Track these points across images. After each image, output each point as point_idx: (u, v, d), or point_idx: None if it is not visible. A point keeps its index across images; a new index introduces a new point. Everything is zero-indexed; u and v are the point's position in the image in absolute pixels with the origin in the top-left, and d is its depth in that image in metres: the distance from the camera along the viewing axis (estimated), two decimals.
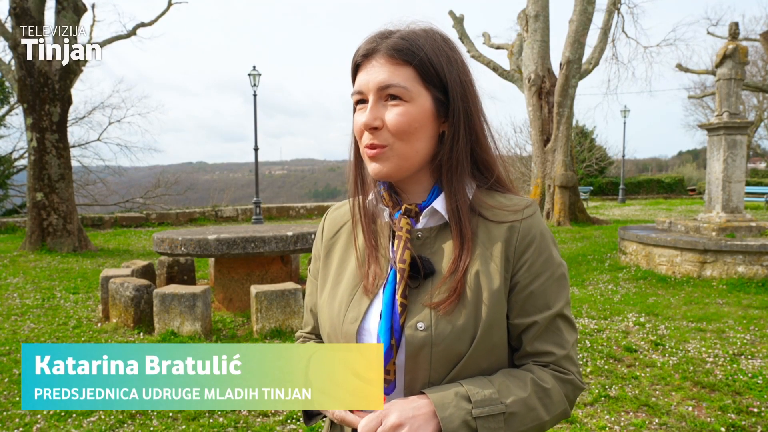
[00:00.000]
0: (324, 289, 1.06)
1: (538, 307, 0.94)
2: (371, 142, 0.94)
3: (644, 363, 4.15)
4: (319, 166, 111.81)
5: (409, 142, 0.93)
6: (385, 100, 0.93)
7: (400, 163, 0.94)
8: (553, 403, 0.92)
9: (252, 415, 3.34)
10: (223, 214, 18.12)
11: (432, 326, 0.90)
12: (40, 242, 10.66)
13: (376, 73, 0.92)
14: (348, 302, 0.98)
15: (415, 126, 0.92)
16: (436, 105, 0.95)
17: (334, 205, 1.17)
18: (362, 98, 0.95)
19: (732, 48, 7.94)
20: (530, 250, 0.95)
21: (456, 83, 0.95)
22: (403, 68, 0.92)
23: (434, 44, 0.94)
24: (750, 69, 25.27)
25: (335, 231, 1.10)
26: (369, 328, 0.95)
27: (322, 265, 1.09)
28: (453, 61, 0.95)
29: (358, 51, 0.96)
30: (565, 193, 14.20)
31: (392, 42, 0.93)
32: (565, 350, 0.95)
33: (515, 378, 0.91)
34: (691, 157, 53.28)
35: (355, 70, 0.98)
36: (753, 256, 6.82)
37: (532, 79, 14.89)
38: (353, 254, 1.04)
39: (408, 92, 0.91)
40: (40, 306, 6.34)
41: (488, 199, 0.99)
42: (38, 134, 10.60)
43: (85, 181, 21.52)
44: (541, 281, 0.95)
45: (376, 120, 0.92)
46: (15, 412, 3.44)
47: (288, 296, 5.00)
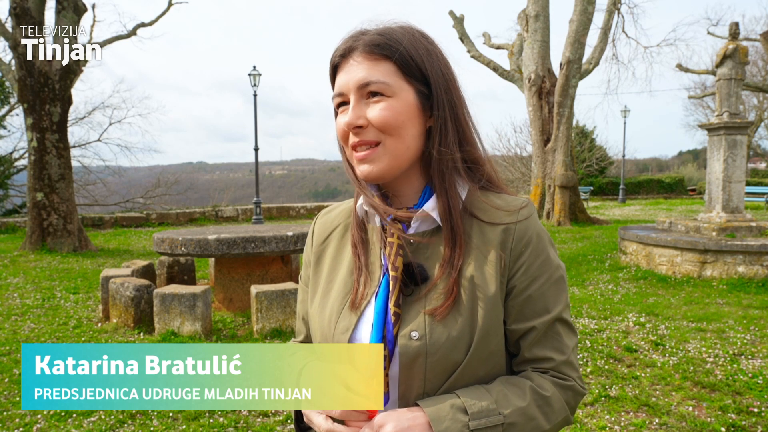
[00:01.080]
0: (315, 297, 1.02)
1: (536, 312, 0.91)
2: (358, 140, 0.90)
3: (644, 363, 4.15)
4: (319, 166, 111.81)
5: (400, 137, 0.90)
6: (367, 98, 0.89)
7: (391, 161, 0.90)
8: (554, 411, 0.89)
9: (252, 415, 3.34)
10: (223, 214, 18.13)
11: (426, 335, 0.87)
12: (41, 242, 10.66)
13: (355, 71, 0.90)
14: (339, 312, 0.95)
15: (402, 120, 0.89)
16: (421, 99, 0.91)
17: (324, 209, 1.14)
18: (343, 100, 0.92)
19: (732, 48, 7.94)
20: (527, 252, 0.91)
21: (438, 75, 0.92)
22: (382, 63, 0.89)
23: (412, 38, 0.91)
24: (750, 69, 25.27)
25: (325, 237, 1.07)
26: (361, 339, 0.91)
27: (313, 272, 1.05)
28: (433, 54, 0.93)
29: (336, 52, 0.93)
30: (566, 193, 14.20)
31: (369, 38, 0.90)
32: (564, 355, 0.92)
33: (514, 386, 0.88)
34: (691, 157, 53.26)
35: (334, 72, 0.95)
36: (753, 256, 6.82)
37: (532, 79, 14.88)
38: (343, 261, 1.01)
39: (389, 87, 0.88)
40: (40, 306, 6.34)
41: (481, 200, 0.95)
42: (38, 134, 10.61)
43: (85, 181, 21.53)
44: (539, 285, 0.92)
45: (360, 119, 0.89)
46: (15, 412, 3.44)
47: (288, 296, 5.00)
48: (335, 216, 1.08)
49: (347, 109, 0.91)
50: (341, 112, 0.93)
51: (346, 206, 1.09)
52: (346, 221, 1.06)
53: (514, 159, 22.66)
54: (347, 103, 0.92)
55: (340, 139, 0.96)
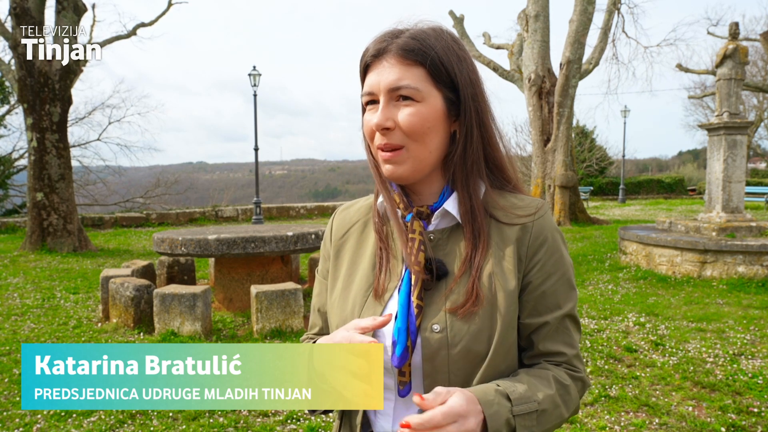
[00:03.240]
0: (335, 289, 1.05)
1: (549, 307, 0.95)
2: (384, 142, 0.93)
3: (644, 363, 4.15)
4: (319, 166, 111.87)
5: (423, 143, 0.93)
6: (396, 100, 0.92)
7: (415, 165, 0.94)
8: (572, 400, 0.93)
9: (252, 415, 3.34)
10: (223, 214, 18.12)
11: (447, 327, 0.90)
12: (41, 242, 10.66)
13: (387, 73, 0.91)
14: (362, 303, 0.98)
15: (428, 126, 0.92)
16: (447, 105, 0.94)
17: (343, 205, 1.17)
18: (373, 99, 0.94)
19: (732, 48, 7.94)
20: (543, 250, 0.95)
21: (467, 82, 0.94)
22: (414, 68, 0.91)
23: (444, 44, 0.93)
24: (750, 69, 25.27)
25: (344, 231, 1.09)
26: (383, 330, 0.94)
27: (332, 266, 1.08)
28: (463, 61, 0.95)
29: (368, 51, 0.95)
30: (566, 193, 14.20)
31: (402, 42, 0.92)
32: (575, 350, 0.97)
33: (538, 377, 0.91)
34: (691, 157, 53.28)
35: (365, 70, 0.97)
36: (753, 256, 6.82)
37: (532, 79, 14.89)
38: (364, 255, 1.04)
39: (419, 92, 0.91)
40: (40, 306, 6.34)
41: (500, 200, 0.99)
42: (38, 134, 10.61)
43: (85, 181, 21.53)
44: (553, 281, 0.95)
45: (388, 120, 0.91)
46: (15, 412, 3.44)
47: (288, 296, 5.00)
48: (354, 212, 1.11)
49: (376, 108, 0.93)
50: (370, 110, 0.96)
51: (365, 203, 1.12)
52: (365, 217, 1.09)
53: (515, 159, 22.64)
54: (376, 102, 0.94)
55: (367, 136, 0.98)
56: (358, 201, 1.14)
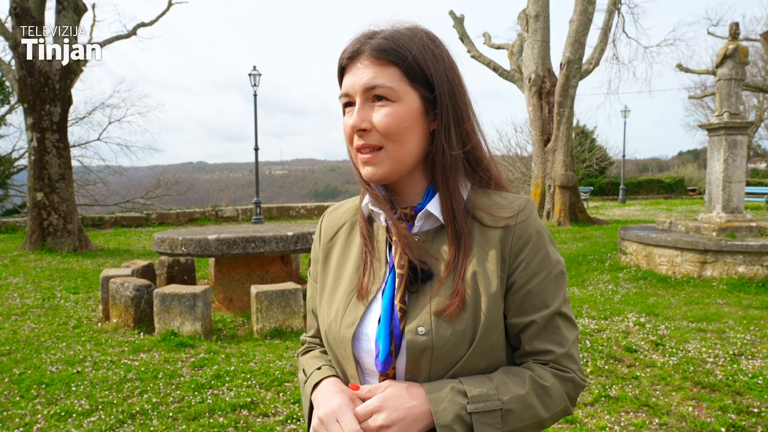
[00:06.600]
0: (323, 293, 1.05)
1: (535, 306, 0.94)
2: (362, 143, 0.93)
3: (644, 363, 4.15)
4: (319, 166, 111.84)
5: (401, 143, 0.92)
6: (372, 101, 0.92)
7: (394, 166, 0.93)
8: (553, 401, 0.91)
9: (252, 415, 3.34)
10: (223, 214, 18.12)
11: (432, 330, 0.89)
12: (41, 242, 10.66)
13: (362, 74, 0.91)
14: (345, 306, 0.98)
15: (405, 126, 0.91)
16: (424, 103, 0.93)
17: (331, 207, 1.17)
18: (349, 101, 0.94)
19: (732, 48, 7.94)
20: (526, 249, 0.94)
21: (443, 80, 0.94)
22: (388, 68, 0.91)
23: (419, 42, 0.93)
24: (750, 69, 25.27)
25: (333, 234, 1.10)
26: (367, 333, 0.94)
27: (321, 269, 1.09)
28: (439, 59, 0.94)
29: (343, 53, 0.95)
30: (566, 193, 14.20)
31: (376, 42, 0.92)
32: (564, 348, 0.95)
33: (514, 376, 0.91)
34: (691, 158, 53.28)
35: (341, 73, 0.97)
36: (753, 257, 6.82)
37: (532, 79, 14.89)
38: (350, 258, 1.04)
39: (394, 92, 0.90)
40: (40, 306, 6.34)
41: (483, 199, 0.98)
42: (38, 134, 10.61)
43: (85, 181, 21.55)
44: (539, 280, 0.94)
45: (364, 122, 0.91)
46: (15, 412, 3.44)
47: (288, 296, 5.00)
48: (342, 214, 1.11)
49: (353, 110, 0.93)
50: (347, 112, 0.96)
51: (352, 204, 1.12)
52: (352, 219, 1.09)
53: (515, 159, 22.65)
54: (353, 104, 0.94)
55: (346, 138, 0.98)
56: (346, 202, 1.14)
